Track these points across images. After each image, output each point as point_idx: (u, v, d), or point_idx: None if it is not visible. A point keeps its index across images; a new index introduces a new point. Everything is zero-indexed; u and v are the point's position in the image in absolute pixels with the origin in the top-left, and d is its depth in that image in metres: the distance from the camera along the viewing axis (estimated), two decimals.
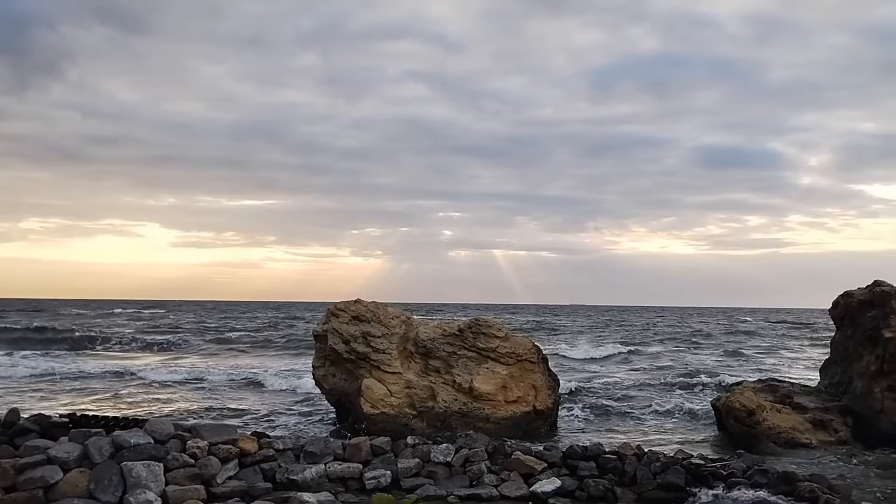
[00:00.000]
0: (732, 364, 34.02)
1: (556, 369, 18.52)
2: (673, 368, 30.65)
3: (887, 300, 15.64)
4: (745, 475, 10.86)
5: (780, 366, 32.49)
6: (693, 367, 30.80)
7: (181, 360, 34.23)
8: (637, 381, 26.33)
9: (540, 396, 15.99)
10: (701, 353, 39.45)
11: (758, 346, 45.69)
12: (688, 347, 43.06)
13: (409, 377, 15.98)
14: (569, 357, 35.76)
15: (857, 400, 15.71)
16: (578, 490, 10.59)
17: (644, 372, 29.41)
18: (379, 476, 10.92)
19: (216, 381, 25.99)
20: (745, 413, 15.08)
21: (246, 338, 48.83)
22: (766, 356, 38.68)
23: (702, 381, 25.46)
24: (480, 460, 11.22)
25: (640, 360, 35.52)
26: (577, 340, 47.92)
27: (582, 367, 32.41)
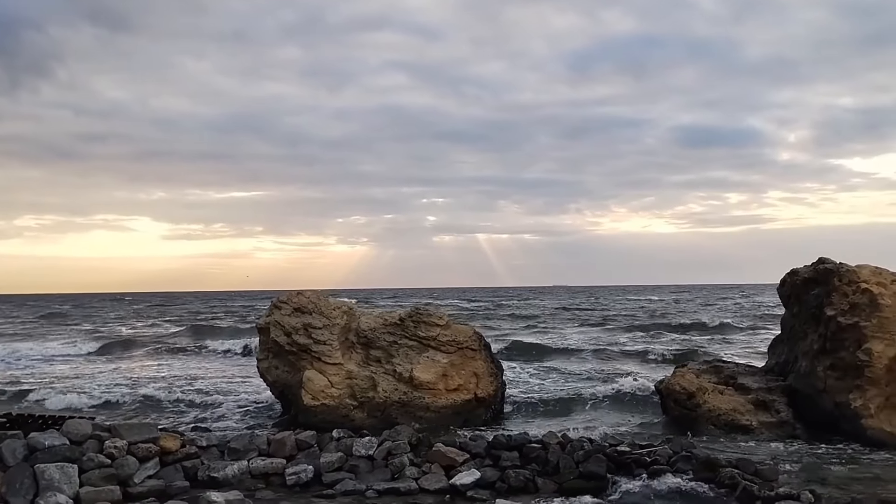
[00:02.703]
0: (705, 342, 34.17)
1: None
2: (636, 350, 30.71)
3: (830, 278, 15.58)
4: (670, 462, 10.80)
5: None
6: (658, 349, 30.88)
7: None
8: (596, 364, 26.38)
9: (481, 384, 15.89)
10: (674, 334, 39.51)
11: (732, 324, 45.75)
12: (658, 328, 42.96)
13: (350, 368, 15.84)
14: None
15: (801, 379, 15.69)
16: (499, 481, 10.46)
17: (605, 354, 29.38)
18: (300, 471, 10.80)
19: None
20: (685, 396, 15.05)
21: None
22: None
23: (658, 361, 25.58)
24: (403, 453, 11.10)
25: (605, 341, 35.58)
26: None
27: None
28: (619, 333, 39.76)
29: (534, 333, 40.68)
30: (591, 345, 32.53)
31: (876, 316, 14.33)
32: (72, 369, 26.98)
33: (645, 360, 27.16)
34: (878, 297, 14.45)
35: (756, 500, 9.49)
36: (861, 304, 14.60)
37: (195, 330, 45.15)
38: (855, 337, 14.48)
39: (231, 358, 30.24)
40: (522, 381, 21.65)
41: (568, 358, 28.05)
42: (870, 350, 14.08)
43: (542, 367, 25.24)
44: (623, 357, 28.30)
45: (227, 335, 39.55)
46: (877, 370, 13.98)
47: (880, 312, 14.33)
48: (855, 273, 15.19)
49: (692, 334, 38.91)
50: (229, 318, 58.64)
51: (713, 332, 40.41)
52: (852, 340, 14.51)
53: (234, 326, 46.82)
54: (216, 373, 25.49)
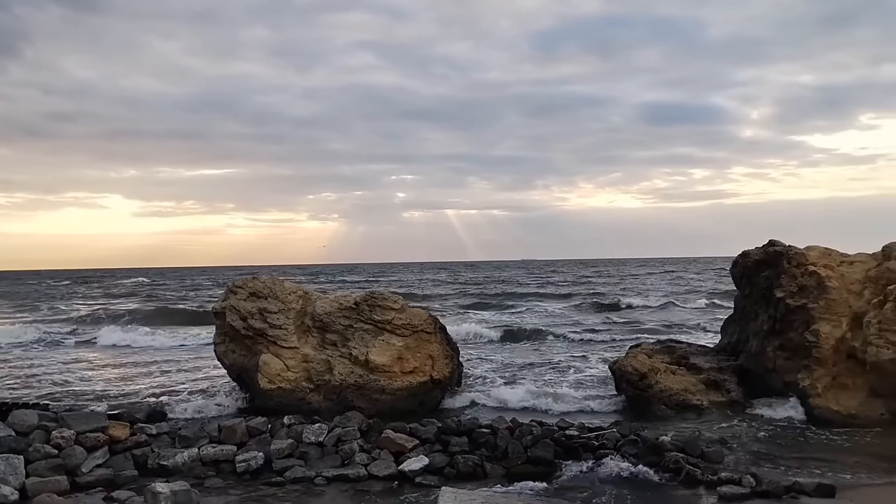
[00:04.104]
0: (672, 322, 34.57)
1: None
2: (595, 329, 31.02)
3: (780, 260, 15.84)
4: (617, 446, 10.95)
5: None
6: (627, 328, 31.24)
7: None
8: (555, 345, 26.58)
9: (437, 366, 15.95)
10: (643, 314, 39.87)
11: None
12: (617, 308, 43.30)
13: (306, 351, 15.82)
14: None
15: (752, 359, 15.96)
16: (448, 467, 10.51)
17: (564, 333, 29.59)
18: (250, 459, 10.78)
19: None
20: (637, 376, 15.21)
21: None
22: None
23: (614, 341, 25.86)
24: (353, 439, 11.14)
25: (564, 320, 35.87)
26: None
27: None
28: (577, 312, 40.00)
29: (493, 312, 40.87)
30: (551, 324, 32.81)
31: (823, 298, 14.62)
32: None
33: (603, 340, 27.44)
34: (825, 280, 14.73)
35: (699, 484, 9.68)
36: (809, 287, 14.87)
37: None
38: (803, 318, 14.76)
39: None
40: (481, 362, 21.76)
41: (528, 337, 28.19)
42: (817, 331, 14.37)
43: (500, 347, 25.41)
44: (582, 337, 28.50)
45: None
46: (824, 351, 14.26)
47: (828, 294, 14.62)
48: (804, 255, 15.45)
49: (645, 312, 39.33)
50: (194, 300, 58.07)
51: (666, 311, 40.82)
52: (801, 322, 14.79)
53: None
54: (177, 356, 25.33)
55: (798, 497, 9.19)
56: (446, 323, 18.35)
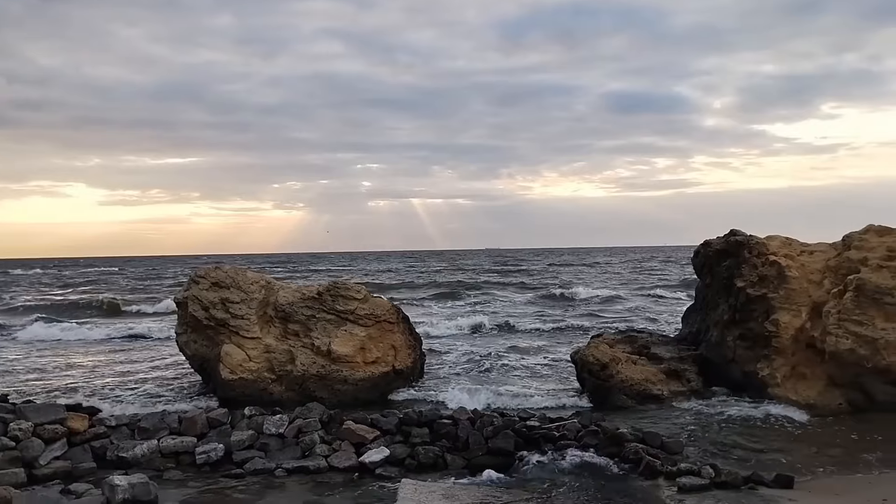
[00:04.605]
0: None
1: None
2: (559, 320, 31.15)
3: (741, 250, 15.98)
4: (577, 436, 10.94)
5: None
6: (577, 320, 31.35)
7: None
8: (520, 335, 26.65)
9: (400, 356, 15.92)
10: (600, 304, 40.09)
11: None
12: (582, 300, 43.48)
13: (268, 342, 15.69)
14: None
15: (712, 349, 16.11)
16: (409, 458, 10.47)
17: (531, 325, 29.70)
18: (210, 450, 10.65)
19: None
20: (598, 367, 15.27)
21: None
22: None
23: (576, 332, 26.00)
24: (314, 430, 11.04)
25: (531, 312, 36.01)
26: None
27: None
28: (540, 302, 40.10)
29: (456, 302, 40.87)
30: (515, 314, 32.88)
31: (783, 288, 14.78)
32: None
33: (566, 330, 27.58)
34: (785, 270, 14.89)
35: (658, 475, 9.70)
36: (769, 276, 15.03)
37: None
38: (763, 308, 14.93)
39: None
40: (445, 353, 21.77)
41: (492, 328, 28.19)
42: (777, 321, 14.54)
43: (465, 338, 25.41)
44: (544, 327, 28.60)
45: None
46: (783, 341, 14.44)
47: (787, 284, 14.79)
48: (764, 245, 15.61)
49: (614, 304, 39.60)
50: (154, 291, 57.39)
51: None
52: (761, 311, 14.96)
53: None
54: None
55: (757, 488, 9.24)
56: (409, 313, 18.27)
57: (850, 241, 15.22)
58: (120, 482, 8.93)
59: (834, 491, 9.21)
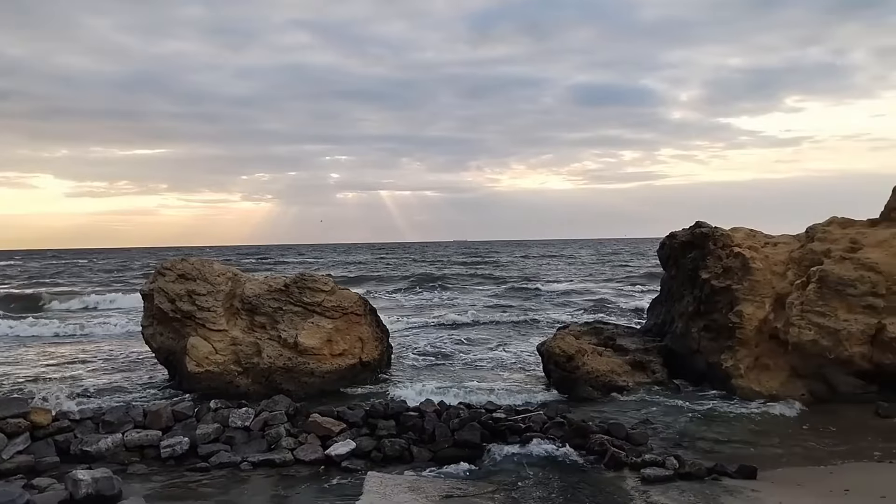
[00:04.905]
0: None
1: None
2: (527, 312, 31.26)
3: (706, 242, 16.13)
4: (543, 428, 11.00)
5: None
6: (547, 312, 31.47)
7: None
8: (486, 328, 26.68)
9: (367, 348, 15.89)
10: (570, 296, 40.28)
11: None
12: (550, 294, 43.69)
13: (234, 334, 15.58)
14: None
15: (677, 340, 16.27)
16: (375, 451, 10.45)
17: (497, 317, 29.78)
18: (175, 444, 10.55)
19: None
20: (564, 358, 15.35)
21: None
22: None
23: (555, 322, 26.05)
24: (280, 423, 10.98)
25: (497, 304, 36.11)
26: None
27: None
28: (508, 294, 40.17)
29: (426, 295, 40.86)
30: (483, 306, 32.96)
31: (747, 279, 14.94)
32: None
33: (533, 322, 27.69)
34: (749, 261, 15.06)
35: (623, 466, 9.78)
36: (734, 268, 15.19)
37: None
38: (727, 299, 15.08)
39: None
40: (412, 345, 21.77)
41: (461, 321, 28.19)
42: (741, 312, 14.69)
43: (433, 330, 25.42)
44: (512, 318, 28.72)
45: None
46: (747, 332, 14.59)
47: (752, 276, 14.95)
48: (729, 237, 15.77)
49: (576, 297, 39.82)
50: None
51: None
52: (725, 303, 15.11)
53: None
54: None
55: (720, 478, 9.35)
56: (376, 305, 18.25)
57: (813, 233, 15.43)
58: (83, 476, 8.82)
59: (796, 481, 9.34)
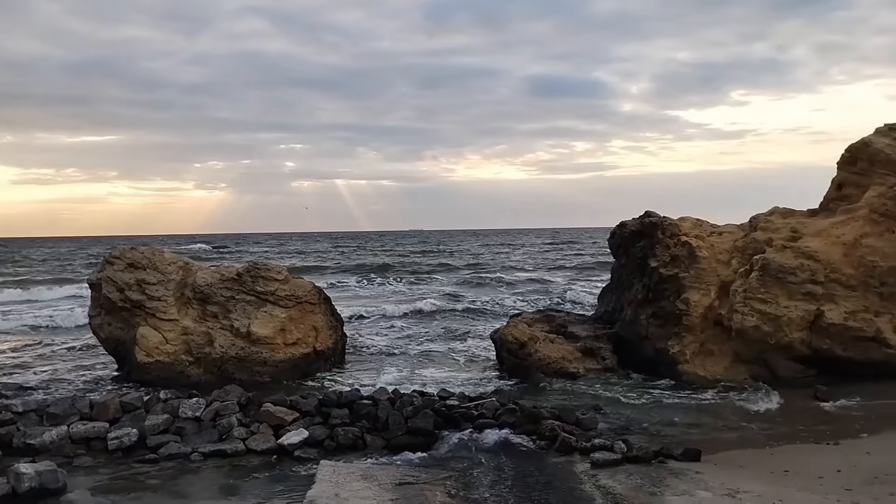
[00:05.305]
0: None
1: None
2: (481, 301, 31.42)
3: (654, 231, 16.40)
4: (495, 415, 11.13)
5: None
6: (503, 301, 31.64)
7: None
8: (439, 317, 26.79)
9: (321, 337, 15.86)
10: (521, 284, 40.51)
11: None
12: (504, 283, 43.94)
13: (186, 324, 15.41)
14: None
15: (626, 327, 16.53)
16: (328, 439, 10.47)
17: (449, 306, 29.90)
18: (123, 435, 10.43)
19: None
20: (517, 345, 15.53)
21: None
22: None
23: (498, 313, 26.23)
24: (231, 413, 10.94)
25: (449, 293, 36.23)
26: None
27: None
28: (462, 284, 40.28)
29: (381, 285, 40.81)
30: (437, 295, 33.03)
31: (694, 267, 15.26)
32: None
33: (485, 311, 27.84)
34: (696, 250, 15.37)
35: (573, 451, 9.96)
36: (681, 256, 15.49)
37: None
38: (675, 287, 15.38)
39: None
40: (367, 334, 21.76)
41: (416, 310, 28.20)
42: (687, 300, 15.00)
43: (388, 320, 25.44)
44: (466, 307, 28.88)
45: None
46: (693, 318, 14.91)
47: (698, 264, 15.27)
48: (677, 226, 16.07)
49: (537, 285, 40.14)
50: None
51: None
52: (672, 290, 15.41)
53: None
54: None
55: (666, 461, 9.56)
56: (331, 294, 18.20)
57: (756, 223, 15.81)
58: (26, 470, 8.68)
59: (738, 463, 9.60)
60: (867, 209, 14.68)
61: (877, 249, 14.08)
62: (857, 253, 14.20)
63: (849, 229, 14.62)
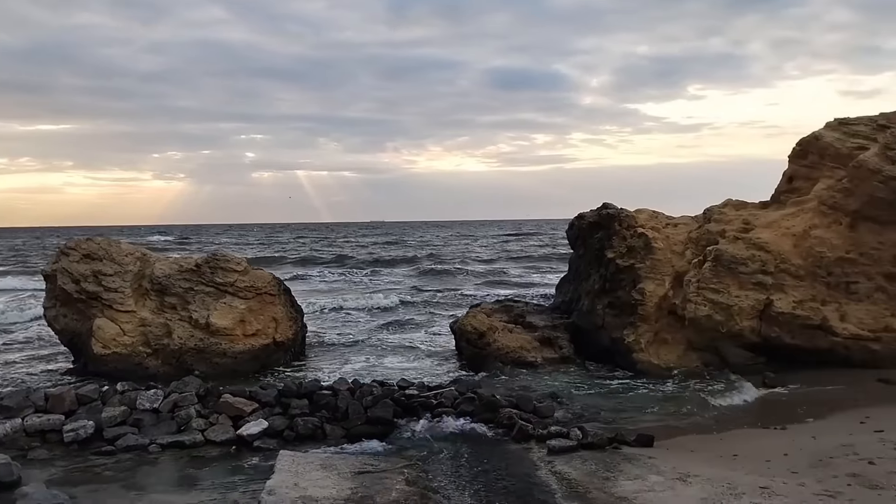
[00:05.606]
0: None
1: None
2: (443, 292, 31.55)
3: (612, 222, 16.68)
4: (454, 404, 11.27)
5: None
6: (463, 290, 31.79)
7: None
8: (401, 308, 26.88)
9: (280, 328, 15.85)
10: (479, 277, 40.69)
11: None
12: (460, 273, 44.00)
13: (143, 315, 15.29)
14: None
15: (583, 316, 16.79)
16: (288, 430, 10.52)
17: (411, 296, 29.99)
18: (79, 428, 10.37)
19: None
20: (475, 335, 15.71)
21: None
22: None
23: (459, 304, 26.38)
24: (190, 404, 10.92)
25: (410, 284, 36.32)
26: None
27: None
28: (422, 275, 40.38)
29: (342, 276, 40.70)
30: (396, 287, 33.12)
31: (649, 258, 15.55)
32: None
33: (446, 302, 28.00)
34: (652, 241, 15.66)
35: (530, 438, 10.15)
36: (637, 247, 15.77)
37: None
38: (631, 277, 15.66)
39: None
40: (327, 325, 21.77)
41: (377, 301, 28.19)
42: (643, 290, 15.29)
43: (349, 311, 25.44)
44: (425, 299, 29.01)
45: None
46: (648, 308, 15.20)
47: (653, 255, 15.56)
48: (633, 218, 16.34)
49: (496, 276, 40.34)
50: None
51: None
52: (628, 281, 15.69)
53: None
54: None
55: (620, 447, 9.79)
56: (291, 286, 18.18)
57: (710, 215, 16.15)
58: None
59: (689, 448, 9.87)
60: (816, 201, 15.08)
61: (825, 240, 14.49)
62: (805, 244, 14.59)
63: (798, 221, 15.02)
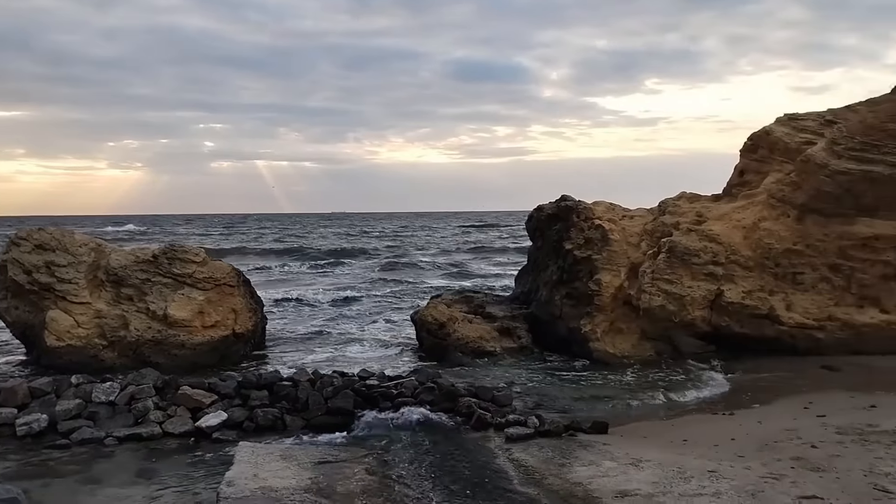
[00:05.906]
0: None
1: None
2: (404, 283, 31.64)
3: (570, 214, 16.92)
4: (414, 394, 11.37)
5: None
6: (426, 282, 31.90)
7: None
8: (364, 300, 26.91)
9: (240, 320, 15.80)
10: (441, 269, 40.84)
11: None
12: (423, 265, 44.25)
13: (99, 307, 15.13)
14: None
15: (541, 307, 17.01)
16: (247, 421, 10.52)
17: (373, 287, 30.04)
18: (32, 421, 10.26)
19: None
20: (436, 326, 15.84)
21: None
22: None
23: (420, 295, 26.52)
24: (147, 397, 10.86)
25: (380, 274, 36.36)
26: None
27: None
28: (383, 267, 40.38)
29: (302, 268, 40.59)
30: (361, 279, 33.15)
31: (606, 250, 15.81)
32: None
33: (406, 293, 28.12)
34: (609, 233, 15.93)
35: (489, 427, 10.30)
36: (594, 239, 16.03)
37: None
38: (588, 269, 15.90)
39: None
40: (287, 316, 21.74)
41: (338, 293, 28.23)
42: (599, 280, 15.54)
43: (309, 302, 25.42)
44: (387, 290, 29.11)
45: None
46: (604, 299, 15.46)
47: (610, 247, 15.83)
48: (591, 210, 16.59)
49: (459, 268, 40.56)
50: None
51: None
52: (586, 272, 15.93)
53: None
54: None
55: (576, 434, 9.98)
56: (251, 278, 18.14)
57: (664, 207, 16.46)
58: None
59: (642, 434, 10.12)
60: (766, 195, 15.46)
61: (773, 232, 14.88)
62: (755, 236, 14.97)
63: (748, 213, 15.39)
